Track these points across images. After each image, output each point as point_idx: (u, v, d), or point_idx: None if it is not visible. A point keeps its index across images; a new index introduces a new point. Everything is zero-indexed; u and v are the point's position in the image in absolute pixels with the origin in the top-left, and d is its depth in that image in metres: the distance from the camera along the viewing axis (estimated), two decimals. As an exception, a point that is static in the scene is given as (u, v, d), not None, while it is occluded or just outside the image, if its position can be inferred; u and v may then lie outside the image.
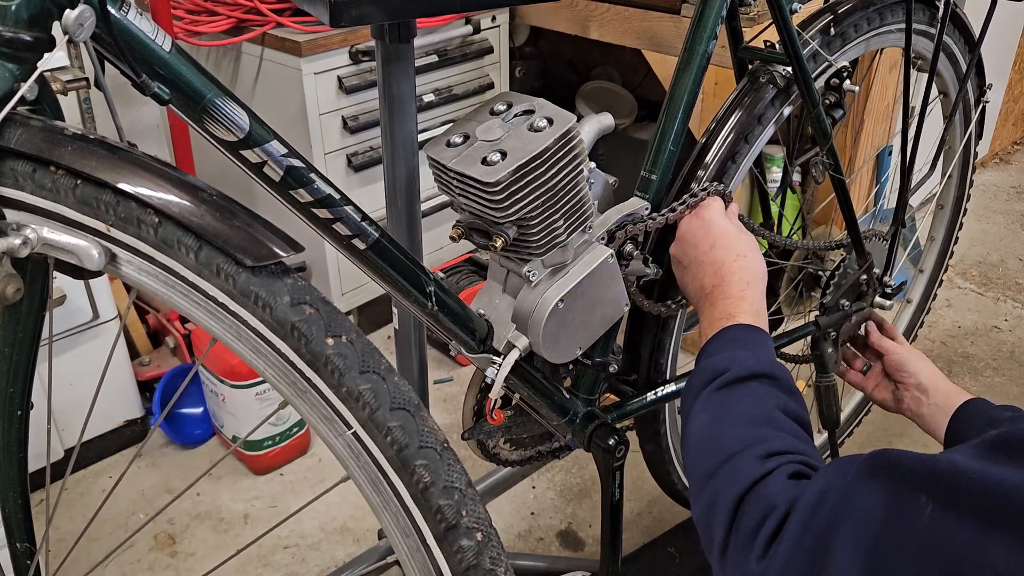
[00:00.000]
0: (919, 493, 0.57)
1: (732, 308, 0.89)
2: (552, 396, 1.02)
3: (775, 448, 0.71)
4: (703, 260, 0.95)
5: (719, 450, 0.72)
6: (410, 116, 0.99)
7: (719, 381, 0.79)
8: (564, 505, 1.71)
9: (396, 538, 0.73)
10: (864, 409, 1.75)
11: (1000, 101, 2.97)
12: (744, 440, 0.72)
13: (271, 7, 1.82)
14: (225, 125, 0.65)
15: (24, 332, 0.75)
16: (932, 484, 0.57)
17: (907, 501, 0.57)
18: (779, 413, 0.76)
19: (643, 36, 1.89)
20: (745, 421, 0.74)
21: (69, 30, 0.57)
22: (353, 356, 0.68)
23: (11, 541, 0.85)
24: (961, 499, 0.55)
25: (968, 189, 1.66)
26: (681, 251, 0.99)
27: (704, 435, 0.76)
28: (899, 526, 0.57)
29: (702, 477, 0.73)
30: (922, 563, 0.55)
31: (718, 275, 0.93)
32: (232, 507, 1.71)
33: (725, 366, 0.80)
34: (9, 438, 0.79)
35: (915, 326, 1.76)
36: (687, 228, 0.99)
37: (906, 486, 0.58)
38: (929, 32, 1.30)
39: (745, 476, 0.68)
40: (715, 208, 1.00)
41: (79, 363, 1.67)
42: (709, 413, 0.78)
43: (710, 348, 0.86)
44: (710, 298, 0.92)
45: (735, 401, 0.77)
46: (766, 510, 0.65)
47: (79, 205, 0.62)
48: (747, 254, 0.94)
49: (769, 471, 0.68)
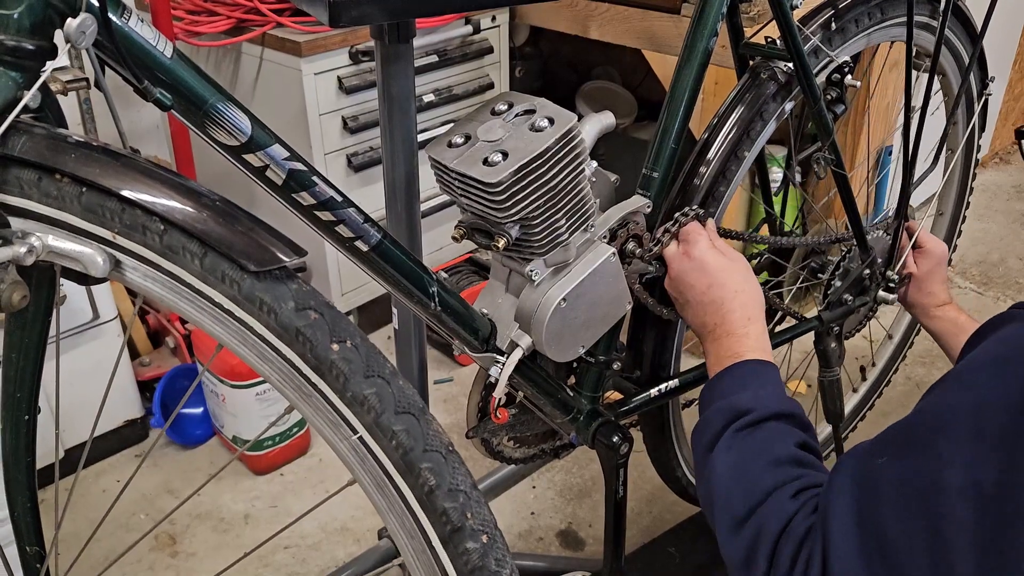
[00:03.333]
0: (876, 458, 0.67)
1: (737, 346, 0.91)
2: (556, 394, 1.02)
3: (802, 485, 0.76)
4: (702, 300, 0.96)
5: (754, 490, 0.77)
6: (410, 116, 0.99)
7: (743, 421, 0.83)
8: (564, 505, 1.72)
9: (402, 540, 0.73)
10: (867, 405, 1.76)
11: (1000, 100, 2.96)
12: (777, 481, 0.77)
13: (271, 7, 1.82)
14: (227, 130, 0.65)
15: (30, 338, 0.75)
16: (883, 445, 0.68)
17: (869, 468, 0.67)
18: (800, 451, 0.81)
19: (643, 36, 1.88)
20: (774, 461, 0.79)
21: (71, 38, 0.57)
22: (358, 360, 0.68)
23: (20, 544, 0.85)
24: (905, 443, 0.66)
25: (971, 182, 1.66)
26: (677, 291, 1.00)
27: (735, 476, 0.80)
28: (869, 490, 0.66)
29: (738, 517, 0.77)
30: (899, 506, 0.63)
31: (719, 314, 0.95)
32: (232, 507, 1.71)
33: (749, 406, 0.83)
34: (17, 443, 0.80)
35: (915, 326, 1.77)
36: (680, 269, 0.99)
37: (866, 458, 0.69)
38: (931, 25, 1.30)
39: (783, 514, 0.74)
40: (702, 243, 0.99)
41: (79, 363, 1.67)
42: (736, 453, 0.81)
43: (724, 385, 0.89)
44: (713, 335, 0.95)
45: (760, 441, 0.81)
46: (799, 539, 0.71)
47: (84, 213, 0.62)
48: (744, 288, 0.96)
49: (799, 508, 0.74)
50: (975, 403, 0.62)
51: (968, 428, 0.61)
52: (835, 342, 1.33)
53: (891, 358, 1.77)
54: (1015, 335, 0.64)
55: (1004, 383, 0.61)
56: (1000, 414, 0.60)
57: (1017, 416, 0.59)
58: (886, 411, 1.83)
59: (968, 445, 0.60)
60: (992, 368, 0.63)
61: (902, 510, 0.63)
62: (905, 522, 0.62)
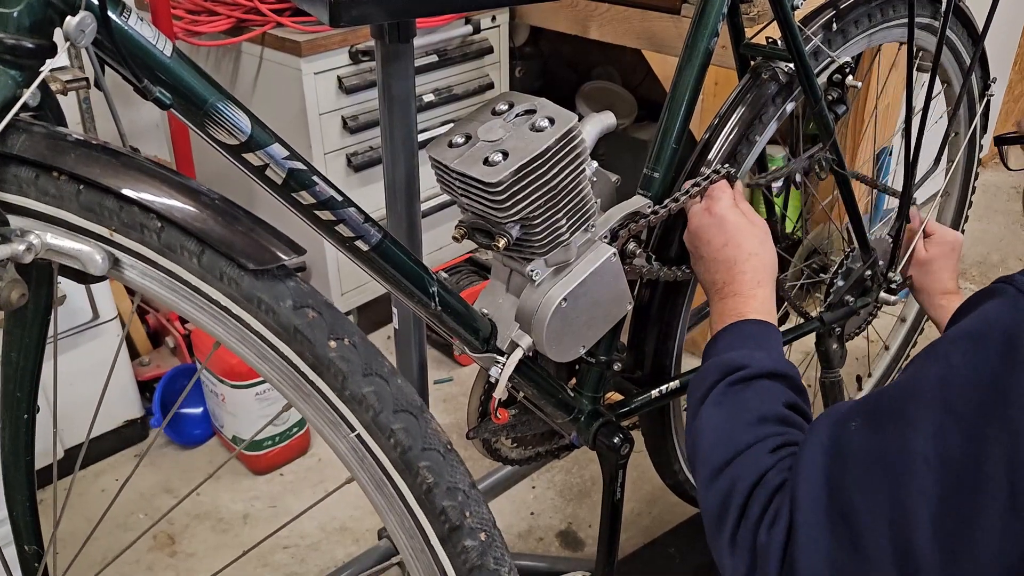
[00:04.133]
0: (849, 423, 0.68)
1: (742, 306, 0.92)
2: (556, 394, 1.02)
3: (782, 442, 0.77)
4: (716, 257, 0.96)
5: (736, 443, 0.78)
6: (410, 116, 0.98)
7: (735, 376, 0.83)
8: (564, 505, 1.71)
9: (400, 539, 0.73)
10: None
11: (1000, 101, 2.97)
12: (758, 435, 0.77)
13: (271, 7, 1.82)
14: (227, 129, 0.65)
15: (29, 337, 0.75)
16: (855, 412, 0.69)
17: (840, 434, 0.68)
18: (787, 410, 0.81)
19: (643, 36, 1.88)
20: (759, 417, 0.80)
21: (70, 36, 0.57)
22: (356, 359, 0.68)
23: (19, 543, 0.85)
24: (876, 412, 0.67)
25: (973, 182, 1.66)
26: (693, 245, 1.00)
27: (720, 428, 0.81)
28: (839, 456, 0.67)
29: (716, 467, 0.78)
30: (865, 473, 0.64)
31: (730, 273, 0.95)
32: (232, 507, 1.71)
33: (743, 362, 0.84)
34: (17, 442, 0.80)
35: (923, 315, 1.76)
36: (699, 223, 0.99)
37: (838, 424, 0.70)
38: (932, 26, 1.30)
39: (759, 466, 0.75)
40: (726, 200, 0.99)
41: (79, 363, 1.67)
42: (725, 408, 0.82)
43: (722, 341, 0.90)
44: (721, 293, 0.95)
45: (750, 398, 0.82)
46: (771, 492, 0.72)
47: (82, 211, 0.62)
48: (758, 252, 0.96)
49: (776, 462, 0.75)
50: (946, 376, 0.63)
51: (937, 399, 0.62)
52: (836, 343, 1.33)
53: (887, 369, 1.77)
54: (993, 310, 0.64)
55: (975, 357, 0.61)
56: (969, 387, 0.61)
57: (985, 390, 0.60)
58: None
59: (936, 416, 0.61)
60: (966, 342, 0.63)
61: (868, 477, 0.64)
62: (870, 489, 0.63)
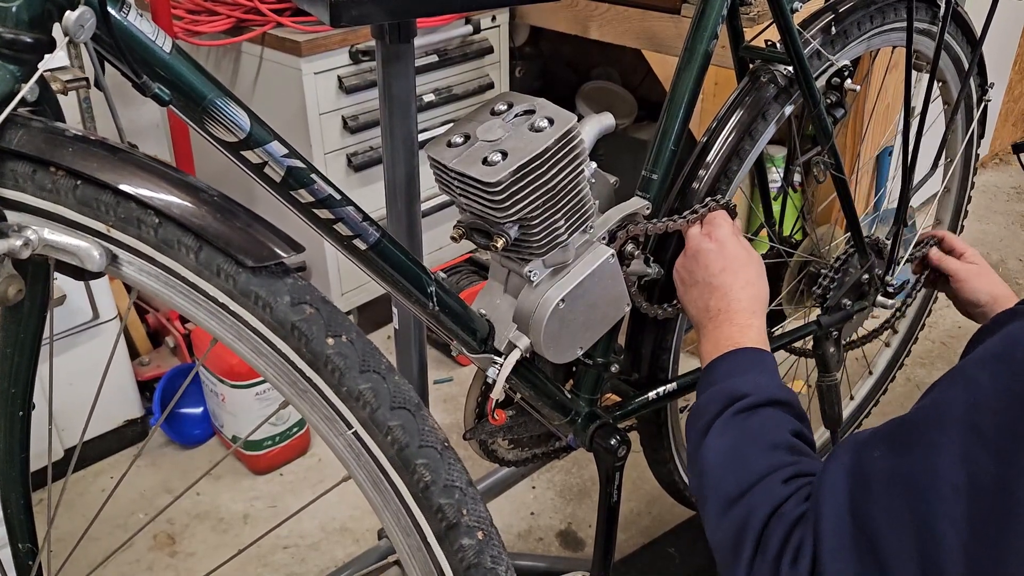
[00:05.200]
0: (872, 450, 0.67)
1: (738, 335, 0.91)
2: (554, 396, 1.02)
3: (795, 472, 0.75)
4: (712, 282, 0.96)
5: (748, 473, 0.76)
6: (410, 116, 0.99)
7: (740, 404, 0.82)
8: (564, 505, 1.71)
9: (397, 537, 0.73)
10: (865, 410, 1.75)
11: (1000, 102, 2.97)
12: (772, 465, 0.76)
13: (271, 7, 1.82)
14: (226, 126, 0.65)
15: (25, 333, 0.75)
16: (879, 438, 0.68)
17: (864, 460, 0.67)
18: (794, 439, 0.80)
19: (643, 36, 1.88)
20: (770, 446, 0.78)
21: (70, 31, 0.57)
22: (353, 355, 0.68)
23: (13, 542, 0.85)
24: (901, 437, 0.66)
25: (969, 191, 1.66)
26: (689, 270, 0.99)
27: (730, 458, 0.79)
28: (863, 482, 0.66)
29: (729, 498, 0.76)
30: (891, 500, 0.63)
31: (725, 299, 0.94)
32: (232, 507, 1.71)
33: (747, 390, 0.83)
34: (11, 439, 0.80)
35: (923, 313, 1.76)
36: (699, 247, 0.99)
37: (862, 450, 0.68)
38: (931, 31, 1.30)
39: (775, 497, 0.73)
40: (726, 228, 1.00)
41: (79, 363, 1.67)
42: (732, 437, 0.81)
43: (719, 370, 0.88)
44: (715, 320, 0.94)
45: (756, 426, 0.81)
46: (791, 524, 0.70)
47: (79, 206, 0.62)
48: (755, 282, 0.96)
49: (791, 493, 0.73)
50: (973, 399, 0.62)
51: (965, 424, 0.61)
52: (833, 347, 1.33)
53: (887, 367, 1.77)
54: (1019, 331, 0.63)
55: (1002, 379, 0.61)
56: (997, 410, 0.60)
57: (1014, 412, 0.59)
58: (885, 414, 1.82)
59: (964, 441, 0.60)
60: (993, 364, 0.63)
61: (894, 504, 0.63)
62: (896, 517, 0.62)
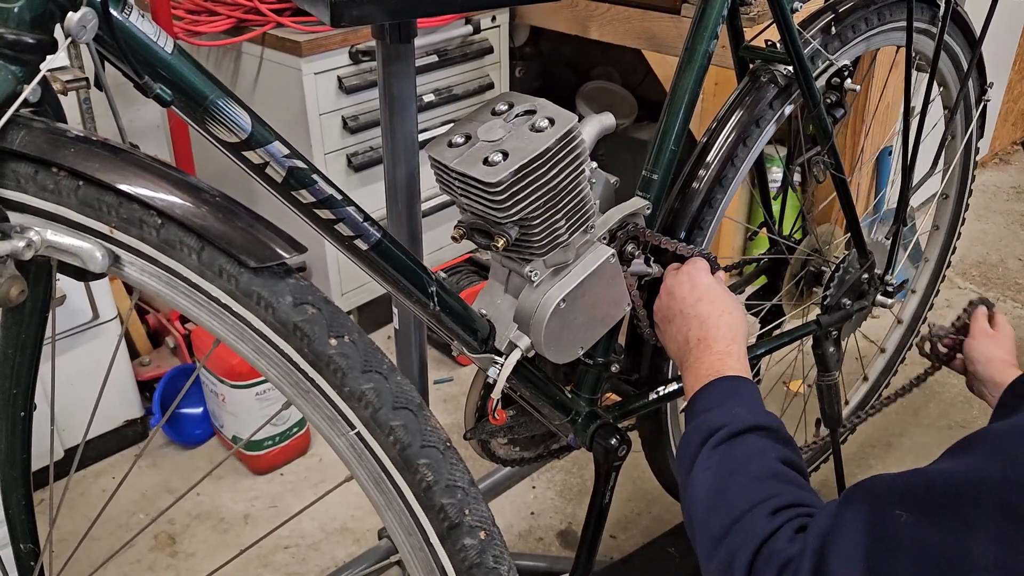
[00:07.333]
0: (894, 508, 0.62)
1: (719, 364, 0.89)
2: (554, 396, 1.02)
3: (782, 503, 0.72)
4: (688, 313, 0.96)
5: (730, 509, 0.73)
6: (410, 116, 0.99)
7: (717, 437, 0.80)
8: (564, 505, 1.71)
9: (399, 537, 0.73)
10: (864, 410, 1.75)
11: (1000, 101, 2.97)
12: (753, 499, 0.73)
13: (271, 7, 1.82)
14: (227, 126, 0.65)
15: (27, 334, 0.75)
16: (904, 498, 0.62)
17: (885, 518, 0.62)
18: (780, 466, 0.77)
19: (643, 36, 1.89)
20: (751, 478, 0.75)
21: (71, 32, 0.57)
22: (355, 356, 0.68)
23: (15, 542, 0.85)
24: (930, 505, 0.60)
25: (969, 186, 1.66)
26: (666, 305, 1.00)
27: (712, 494, 0.77)
28: (884, 543, 0.61)
29: (714, 537, 0.73)
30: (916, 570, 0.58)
31: (703, 328, 0.93)
32: (232, 507, 1.71)
33: (722, 421, 0.81)
34: (13, 440, 0.80)
35: (919, 318, 1.77)
36: (673, 282, 1.00)
37: (883, 505, 0.63)
38: (930, 31, 1.30)
39: (757, 533, 0.70)
40: (701, 265, 1.01)
41: (79, 363, 1.67)
42: (713, 472, 0.78)
43: (699, 403, 0.87)
44: (695, 352, 0.93)
45: (737, 457, 0.78)
46: (781, 565, 0.67)
47: (82, 207, 0.62)
48: (732, 311, 0.96)
49: (779, 527, 0.70)
50: (1008, 476, 0.58)
51: (1001, 505, 0.57)
52: (833, 346, 1.33)
53: (882, 372, 1.77)
54: None
55: None
56: None
57: None
58: (884, 415, 1.82)
59: (999, 520, 0.57)
60: None
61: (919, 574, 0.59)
62: None
